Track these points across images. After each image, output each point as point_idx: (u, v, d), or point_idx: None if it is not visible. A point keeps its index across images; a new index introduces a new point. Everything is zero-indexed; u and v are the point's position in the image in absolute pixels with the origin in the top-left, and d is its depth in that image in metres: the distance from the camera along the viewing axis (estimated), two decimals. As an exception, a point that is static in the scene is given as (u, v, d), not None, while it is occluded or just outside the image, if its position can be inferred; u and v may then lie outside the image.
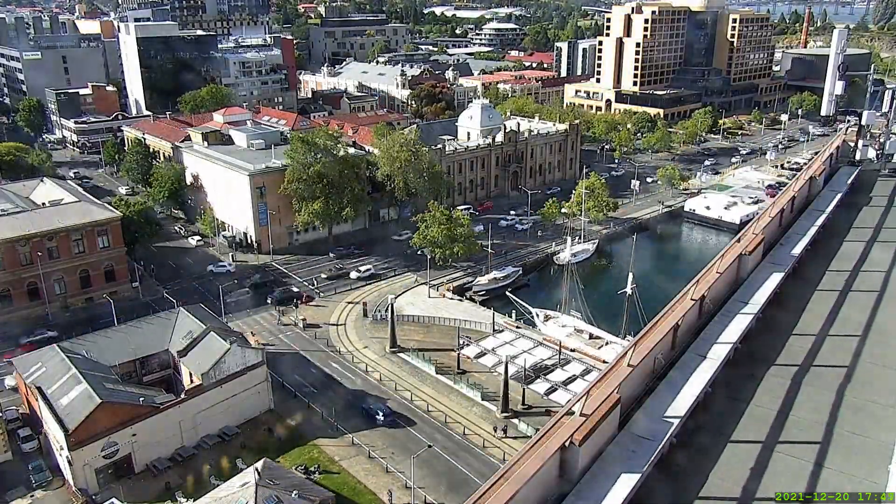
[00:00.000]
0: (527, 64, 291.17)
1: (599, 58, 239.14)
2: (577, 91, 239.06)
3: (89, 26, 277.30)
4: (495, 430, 65.43)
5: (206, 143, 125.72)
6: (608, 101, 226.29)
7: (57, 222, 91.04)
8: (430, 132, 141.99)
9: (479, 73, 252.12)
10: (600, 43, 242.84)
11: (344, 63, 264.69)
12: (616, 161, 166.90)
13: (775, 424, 12.85)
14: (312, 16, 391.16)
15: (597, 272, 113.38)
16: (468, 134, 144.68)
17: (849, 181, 27.54)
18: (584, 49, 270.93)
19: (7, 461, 62.19)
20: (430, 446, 61.56)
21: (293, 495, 49.51)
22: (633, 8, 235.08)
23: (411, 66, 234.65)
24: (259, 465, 53.53)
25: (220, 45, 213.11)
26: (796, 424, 12.85)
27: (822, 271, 20.02)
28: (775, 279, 18.36)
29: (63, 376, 61.86)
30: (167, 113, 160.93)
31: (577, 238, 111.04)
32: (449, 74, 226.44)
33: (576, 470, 11.12)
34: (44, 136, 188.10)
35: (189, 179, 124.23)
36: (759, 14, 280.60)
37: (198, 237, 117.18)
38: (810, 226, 22.42)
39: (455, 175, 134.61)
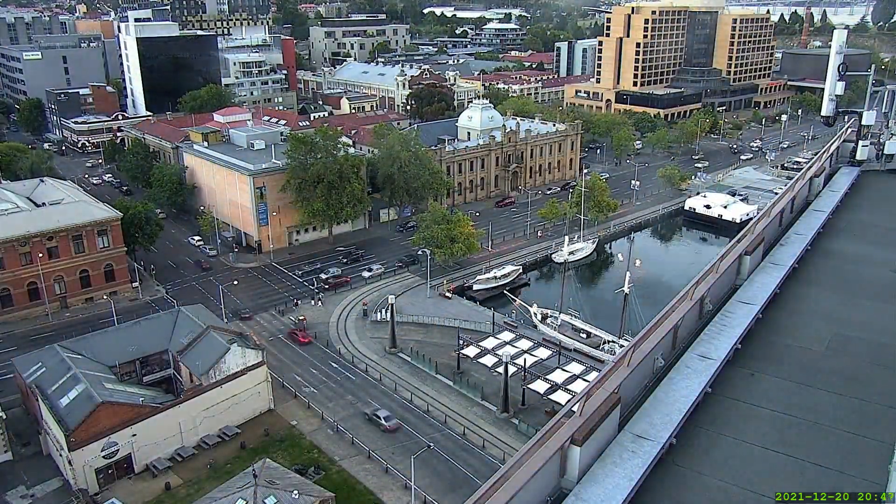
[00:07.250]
0: (527, 64, 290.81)
1: (599, 58, 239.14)
2: (577, 91, 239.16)
3: (89, 26, 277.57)
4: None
5: (206, 143, 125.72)
6: (608, 101, 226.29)
7: (57, 222, 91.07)
8: (430, 132, 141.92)
9: (479, 73, 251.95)
10: (600, 43, 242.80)
11: (344, 63, 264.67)
12: (616, 161, 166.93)
13: (775, 424, 12.85)
14: (312, 16, 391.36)
15: (595, 271, 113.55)
16: (468, 134, 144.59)
17: (849, 181, 27.52)
18: (584, 49, 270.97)
19: (7, 461, 62.23)
20: (430, 446, 61.55)
21: (293, 495, 49.50)
22: (633, 8, 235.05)
23: (411, 66, 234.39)
24: (259, 465, 53.53)
25: (220, 45, 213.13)
26: (796, 424, 12.85)
27: (822, 271, 20.00)
28: (775, 279, 18.35)
29: (63, 376, 61.87)
30: (167, 113, 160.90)
31: (575, 237, 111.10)
32: (449, 74, 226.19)
33: (576, 470, 11.12)
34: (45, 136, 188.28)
35: (189, 179, 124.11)
36: (759, 14, 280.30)
37: (198, 237, 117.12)
38: (810, 226, 22.39)
39: (455, 175, 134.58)
